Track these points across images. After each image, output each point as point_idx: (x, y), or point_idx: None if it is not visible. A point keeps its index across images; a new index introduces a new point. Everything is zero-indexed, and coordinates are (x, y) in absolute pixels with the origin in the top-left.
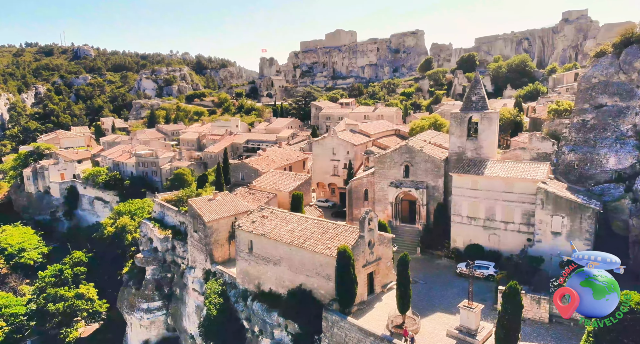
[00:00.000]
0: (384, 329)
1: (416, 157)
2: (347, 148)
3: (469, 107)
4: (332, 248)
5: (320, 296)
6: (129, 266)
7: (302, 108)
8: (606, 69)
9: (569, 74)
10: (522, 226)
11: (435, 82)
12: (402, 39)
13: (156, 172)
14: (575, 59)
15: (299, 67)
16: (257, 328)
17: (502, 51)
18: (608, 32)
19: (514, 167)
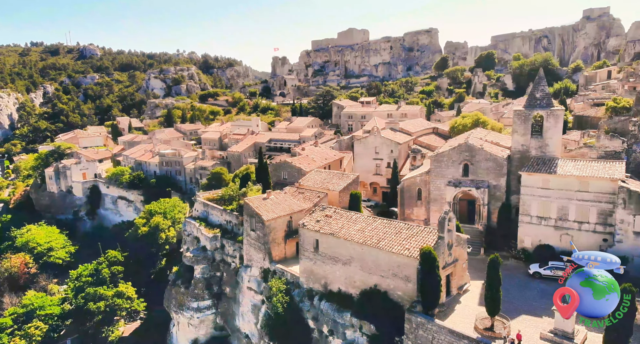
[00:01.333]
0: (472, 331)
1: (477, 155)
2: (391, 146)
3: (533, 104)
4: (410, 249)
5: (396, 297)
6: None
7: (322, 107)
8: None
9: (601, 72)
10: (597, 226)
11: (454, 80)
12: (416, 37)
13: (180, 171)
14: (598, 57)
15: (311, 66)
16: (327, 328)
17: (520, 49)
18: (639, 29)
19: (588, 165)
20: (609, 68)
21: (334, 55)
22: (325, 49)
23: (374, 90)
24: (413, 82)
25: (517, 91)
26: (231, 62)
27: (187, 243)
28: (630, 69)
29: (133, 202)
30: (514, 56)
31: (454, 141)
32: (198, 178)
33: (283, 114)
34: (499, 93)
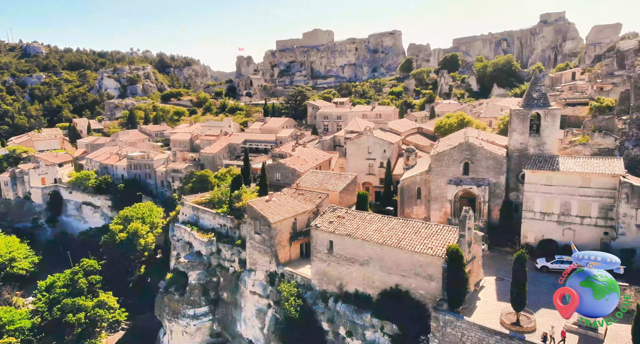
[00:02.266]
0: (499, 327)
1: (477, 154)
2: (384, 146)
3: (530, 104)
4: (434, 247)
5: (419, 296)
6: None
7: (295, 107)
8: None
9: (566, 73)
10: (599, 220)
11: (420, 81)
12: (380, 39)
13: (150, 174)
14: (555, 60)
15: (277, 66)
16: (344, 330)
17: (480, 51)
18: (599, 33)
19: (588, 162)
20: (573, 70)
21: (300, 56)
22: (291, 49)
23: (345, 90)
24: (382, 83)
25: (481, 92)
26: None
27: (178, 249)
28: (596, 70)
29: (100, 208)
30: (477, 58)
31: (447, 140)
32: (170, 181)
33: (254, 114)
34: (465, 94)
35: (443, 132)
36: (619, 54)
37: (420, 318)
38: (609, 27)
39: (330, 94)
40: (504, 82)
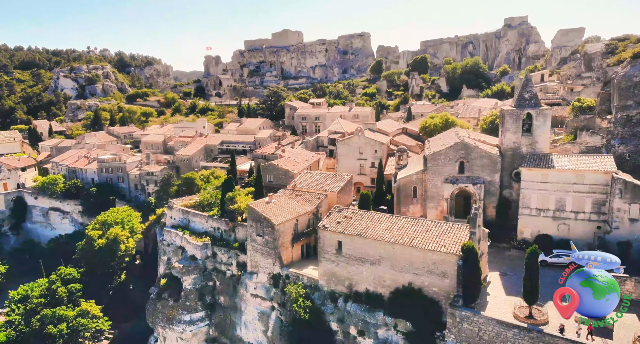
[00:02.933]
0: (515, 320)
1: (472, 153)
2: (375, 146)
3: (523, 104)
4: (447, 245)
5: (431, 293)
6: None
7: (270, 108)
8: None
9: (535, 75)
10: (592, 215)
11: (391, 83)
12: (350, 41)
13: (123, 177)
14: (519, 62)
15: (246, 66)
16: (355, 330)
17: (448, 54)
18: (564, 36)
19: (580, 159)
20: (542, 72)
21: (270, 56)
22: (260, 49)
23: (319, 91)
24: (354, 84)
25: (451, 93)
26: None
27: (168, 254)
28: (565, 72)
29: (69, 213)
30: (446, 60)
31: (439, 140)
32: (144, 185)
33: (227, 115)
34: (436, 95)
35: (429, 132)
36: (586, 56)
37: (434, 315)
38: (573, 31)
39: (306, 95)
40: (473, 83)
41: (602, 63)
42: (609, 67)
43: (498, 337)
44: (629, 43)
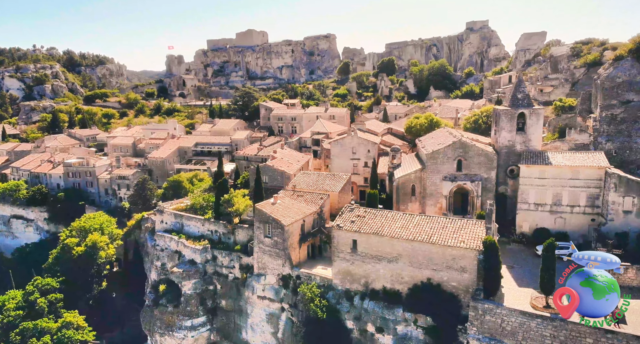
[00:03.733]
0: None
1: (470, 151)
2: (368, 146)
3: (517, 104)
4: (465, 241)
5: (450, 288)
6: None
7: (243, 108)
8: (628, 70)
9: (504, 77)
10: (586, 208)
11: (360, 84)
12: (316, 42)
13: (92, 182)
14: (482, 64)
15: (210, 65)
16: (373, 327)
17: (412, 56)
18: (527, 40)
19: (574, 156)
20: (509, 74)
21: (234, 56)
22: (224, 49)
23: (291, 92)
24: (325, 85)
25: (419, 94)
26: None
27: (162, 259)
28: (531, 74)
29: (34, 221)
30: (411, 62)
31: (431, 140)
32: (116, 189)
33: (196, 116)
34: (405, 96)
35: (414, 132)
36: (553, 59)
37: (454, 309)
38: (536, 34)
39: (279, 95)
40: (440, 84)
41: (570, 65)
42: (576, 69)
43: (521, 327)
44: (592, 46)
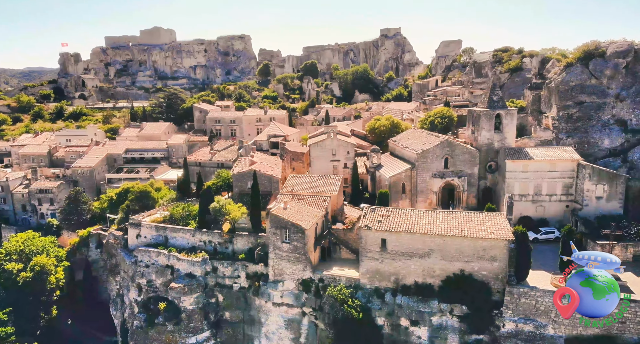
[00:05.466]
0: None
1: (455, 149)
2: (348, 148)
3: (493, 106)
4: (494, 232)
5: (481, 277)
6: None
7: (171, 111)
8: (579, 76)
9: (431, 80)
10: (562, 196)
11: (285, 86)
12: (230, 42)
13: (5, 198)
14: (397, 69)
15: (111, 64)
16: (407, 321)
17: (330, 60)
18: (446, 47)
19: (549, 151)
20: (436, 78)
21: (139, 54)
22: (126, 47)
23: (217, 92)
24: (251, 87)
25: (344, 97)
26: None
27: (149, 276)
28: (458, 78)
29: None
30: (333, 66)
31: (407, 141)
32: (36, 205)
33: (114, 120)
34: (333, 99)
35: (378, 133)
36: (477, 64)
37: (485, 296)
38: (453, 42)
39: (210, 97)
40: (365, 88)
41: (495, 70)
42: (501, 74)
43: (554, 306)
44: (512, 54)
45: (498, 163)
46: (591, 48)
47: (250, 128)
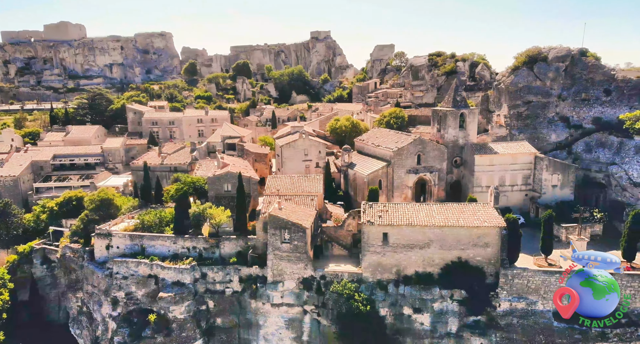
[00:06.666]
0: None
1: (427, 146)
2: (319, 148)
3: (457, 105)
4: (487, 220)
5: (476, 262)
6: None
7: (96, 112)
8: (525, 78)
9: (370, 83)
10: (522, 186)
11: (217, 86)
12: (150, 40)
13: None
14: (329, 72)
15: (11, 62)
16: (410, 309)
17: (261, 60)
18: (380, 51)
19: (509, 145)
20: (374, 80)
21: (43, 51)
22: (28, 43)
23: (145, 93)
24: (180, 87)
25: (281, 98)
26: None
27: (128, 288)
28: (395, 81)
29: None
30: (266, 67)
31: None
32: None
33: (28, 124)
34: (271, 100)
35: (339, 133)
36: (413, 68)
37: (480, 279)
38: (387, 46)
39: (140, 97)
40: (301, 89)
41: (434, 73)
42: (439, 77)
43: (543, 283)
44: (446, 58)
45: (463, 158)
46: (534, 53)
47: (191, 129)
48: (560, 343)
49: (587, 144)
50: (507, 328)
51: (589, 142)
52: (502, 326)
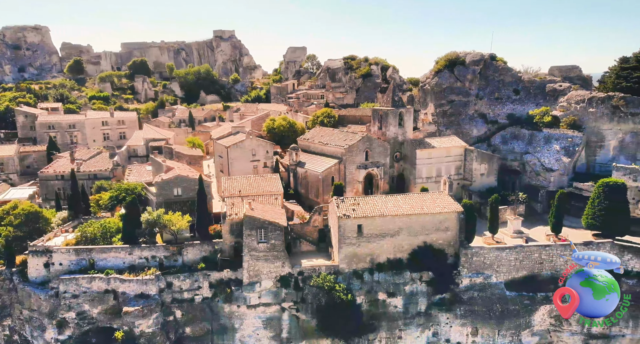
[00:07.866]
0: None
1: (373, 143)
2: (267, 148)
3: (396, 105)
4: (446, 206)
5: (438, 245)
6: None
7: None
8: (447, 79)
9: (289, 84)
10: (455, 176)
11: (112, 85)
12: (22, 34)
13: None
14: (237, 71)
15: None
16: (384, 294)
17: (158, 58)
18: (293, 53)
19: (442, 140)
20: (292, 81)
21: None
22: None
23: (31, 94)
24: (68, 86)
25: (187, 98)
26: None
27: (80, 307)
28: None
29: None
30: (168, 65)
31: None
32: None
33: None
34: (177, 100)
35: (277, 133)
36: (330, 70)
37: (444, 260)
38: (299, 49)
39: (27, 98)
40: (210, 89)
41: (351, 76)
42: (356, 79)
43: (496, 258)
44: (360, 62)
45: (403, 153)
46: (453, 57)
47: (95, 133)
48: (513, 309)
49: (503, 137)
50: (469, 301)
51: (504, 135)
52: (465, 300)
